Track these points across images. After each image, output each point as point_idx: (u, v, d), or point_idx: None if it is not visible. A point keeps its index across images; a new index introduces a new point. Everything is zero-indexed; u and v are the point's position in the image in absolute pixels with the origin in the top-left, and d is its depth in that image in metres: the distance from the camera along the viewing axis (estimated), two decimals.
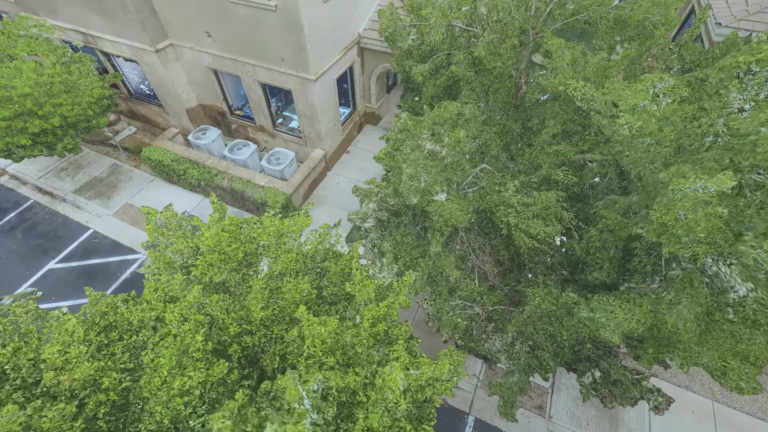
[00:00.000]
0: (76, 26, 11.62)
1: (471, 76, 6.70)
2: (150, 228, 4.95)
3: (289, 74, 10.05)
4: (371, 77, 12.61)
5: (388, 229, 6.66)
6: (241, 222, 4.72)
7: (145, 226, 5.05)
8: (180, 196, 12.07)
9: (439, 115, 5.38)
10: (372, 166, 12.84)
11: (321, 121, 10.96)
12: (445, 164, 5.90)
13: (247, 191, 10.70)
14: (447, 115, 5.34)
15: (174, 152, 11.76)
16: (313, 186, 12.01)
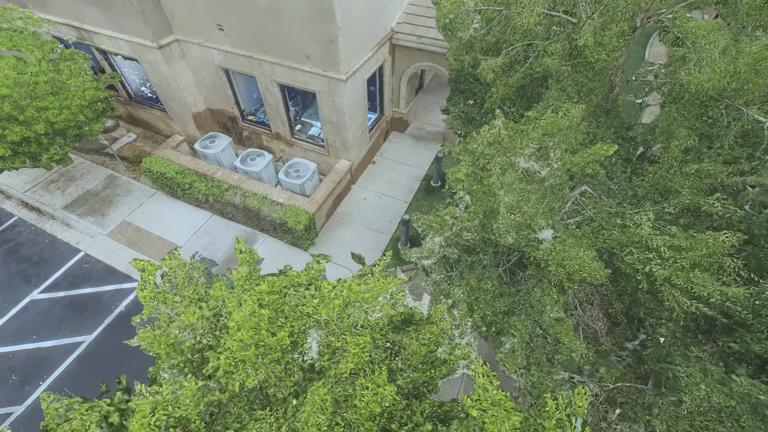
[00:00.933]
0: (68, 20, 10.21)
1: (565, 72, 5.19)
2: (146, 294, 3.39)
3: (314, 73, 8.59)
4: (402, 78, 11.16)
5: (458, 269, 5.13)
6: (285, 286, 3.17)
7: (138, 293, 3.47)
8: (184, 212, 10.57)
9: (554, 123, 3.86)
10: (401, 179, 11.33)
11: (348, 128, 9.48)
12: (545, 188, 4.38)
13: (263, 209, 9.19)
14: (565, 123, 3.83)
15: (178, 163, 10.28)
16: (337, 202, 10.50)
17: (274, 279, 3.07)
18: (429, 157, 12.01)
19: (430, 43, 9.71)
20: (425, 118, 13.40)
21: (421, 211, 10.22)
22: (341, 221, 10.29)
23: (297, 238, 9.17)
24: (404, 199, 10.79)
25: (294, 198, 9.39)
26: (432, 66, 10.38)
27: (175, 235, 10.09)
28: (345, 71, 8.35)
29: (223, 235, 10.05)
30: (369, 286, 3.17)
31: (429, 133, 12.83)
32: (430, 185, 11.12)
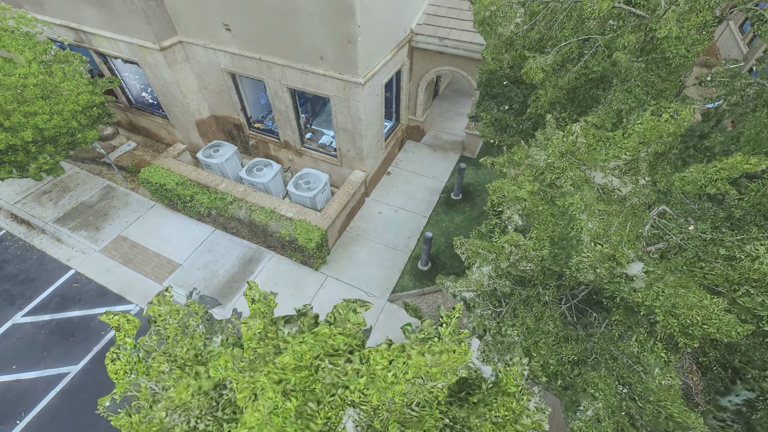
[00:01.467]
0: (65, 21, 9.58)
1: (635, 70, 4.39)
2: (119, 368, 2.46)
3: (328, 77, 7.84)
4: (419, 84, 10.43)
5: (509, 304, 4.25)
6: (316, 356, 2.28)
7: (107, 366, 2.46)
8: (185, 226, 9.76)
9: (655, 128, 3.02)
10: (419, 191, 10.51)
11: (364, 136, 8.70)
12: (626, 209, 3.53)
13: (270, 224, 8.36)
14: (670, 128, 2.99)
15: (179, 173, 9.51)
16: (350, 216, 9.67)
17: (302, 347, 2.18)
18: (447, 167, 11.21)
19: (453, 45, 8.99)
20: (441, 126, 12.65)
21: (442, 227, 9.37)
22: (355, 237, 9.44)
23: (308, 256, 8.32)
24: (423, 213, 9.95)
25: (304, 212, 8.57)
26: (454, 70, 9.65)
27: (174, 251, 9.27)
28: (363, 74, 7.60)
29: (226, 252, 9.21)
30: (437, 356, 2.29)
31: (446, 142, 12.05)
32: (450, 199, 10.29)
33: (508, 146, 6.74)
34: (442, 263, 8.84)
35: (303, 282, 8.55)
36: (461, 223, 9.68)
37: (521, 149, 4.86)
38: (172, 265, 9.03)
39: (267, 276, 8.69)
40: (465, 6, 9.29)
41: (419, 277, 8.61)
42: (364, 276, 8.64)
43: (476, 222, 9.71)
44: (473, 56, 9.03)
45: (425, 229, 9.55)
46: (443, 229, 9.57)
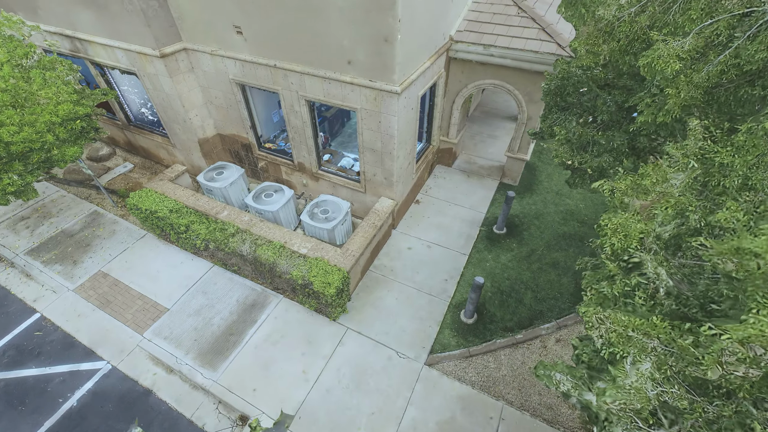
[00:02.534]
0: (60, 28, 8.56)
1: None
2: None
3: (356, 85, 6.49)
4: (455, 100, 9.08)
5: (682, 427, 2.51)
6: None
7: None
8: (178, 261, 8.20)
9: None
10: (454, 223, 8.91)
11: (395, 157, 7.24)
12: None
13: (279, 263, 6.76)
14: None
15: (174, 199, 8.07)
16: (375, 252, 8.04)
17: None
18: (485, 196, 9.65)
19: (500, 53, 7.67)
20: (474, 150, 11.23)
21: (485, 268, 7.67)
22: (380, 278, 7.76)
23: (325, 304, 6.63)
24: (461, 249, 8.29)
25: (321, 248, 6.97)
26: (498, 84, 8.29)
27: (162, 292, 7.66)
28: (399, 81, 6.22)
29: (224, 294, 7.57)
30: None
31: (481, 167, 10.57)
32: (492, 233, 8.65)
33: (595, 169, 5.17)
34: (489, 314, 7.08)
35: (317, 336, 6.82)
36: (509, 263, 7.98)
37: (657, 169, 3.28)
38: (157, 309, 7.39)
39: (272, 327, 6.98)
40: (512, 11, 8.07)
41: (463, 332, 6.83)
42: (393, 329, 6.89)
43: (526, 261, 8.01)
44: (523, 66, 7.68)
45: (466, 269, 7.85)
46: (488, 270, 7.86)
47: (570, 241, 8.48)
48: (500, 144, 11.49)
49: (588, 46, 4.26)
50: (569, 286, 7.56)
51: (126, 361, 6.66)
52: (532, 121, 8.55)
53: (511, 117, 12.80)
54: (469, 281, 7.64)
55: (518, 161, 9.47)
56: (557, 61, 5.60)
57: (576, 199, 9.60)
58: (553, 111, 5.89)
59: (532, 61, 7.47)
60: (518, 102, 8.37)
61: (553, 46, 7.29)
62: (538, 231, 8.72)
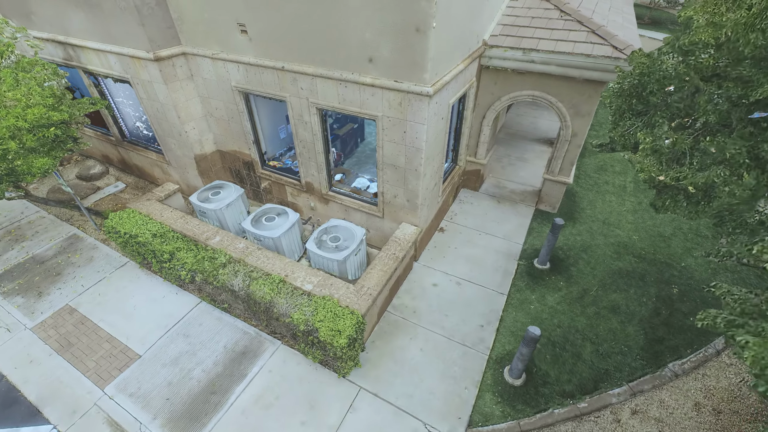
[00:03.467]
0: (53, 34, 7.83)
1: None
2: None
3: (378, 87, 5.42)
4: (486, 115, 8.00)
5: None
6: None
7: None
8: (159, 295, 6.91)
9: None
10: (487, 256, 7.54)
11: (421, 175, 6.04)
12: None
13: (277, 302, 5.41)
14: None
15: (160, 221, 6.91)
16: (394, 289, 6.66)
17: None
18: (521, 224, 8.33)
19: (542, 59, 6.63)
20: (502, 173, 10.04)
21: (530, 312, 6.23)
22: (401, 322, 6.34)
23: (333, 357, 5.21)
24: (497, 288, 6.87)
25: (330, 283, 5.63)
26: (538, 96, 7.21)
27: (137, 333, 6.32)
28: (431, 81, 5.13)
29: (209, 337, 6.20)
30: None
31: (513, 192, 9.32)
32: (533, 268, 7.25)
33: (699, 186, 3.86)
34: (541, 373, 5.56)
35: (322, 398, 5.34)
36: (558, 306, 6.52)
37: None
38: (127, 356, 6.01)
39: (266, 384, 5.53)
40: (553, 15, 7.12)
41: (510, 397, 5.29)
42: (418, 391, 5.39)
43: (579, 304, 6.55)
44: (569, 74, 6.61)
45: (507, 313, 6.40)
46: (533, 314, 6.41)
47: (629, 280, 7.02)
48: (531, 167, 10.30)
49: (708, 15, 3.09)
50: (638, 338, 6.04)
51: (77, 426, 5.21)
52: (577, 137, 7.37)
53: (540, 139, 11.71)
54: (511, 328, 6.17)
55: (559, 185, 8.20)
56: (633, 54, 4.46)
57: (627, 229, 8.22)
58: (626, 116, 4.69)
59: (582, 66, 6.40)
60: (561, 116, 7.24)
61: (608, 48, 6.22)
62: (588, 267, 7.30)
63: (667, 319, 6.35)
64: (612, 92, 4.66)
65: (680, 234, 8.12)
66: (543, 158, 10.74)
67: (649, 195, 9.28)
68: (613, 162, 10.66)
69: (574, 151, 7.57)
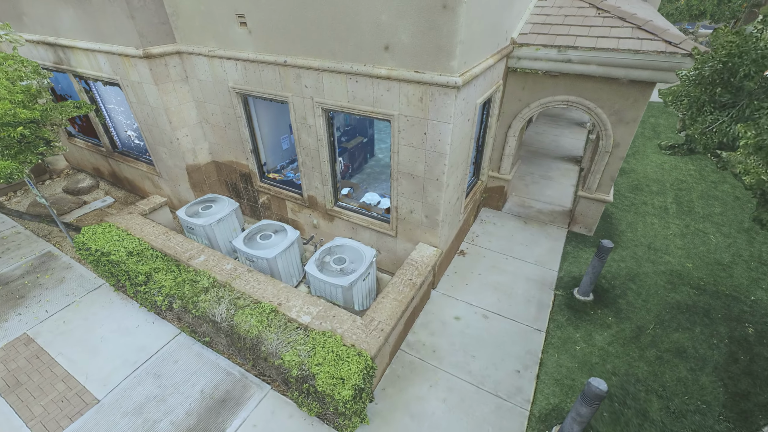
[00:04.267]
0: (43, 36, 7.30)
1: None
2: None
3: (395, 80, 4.58)
4: (512, 124, 7.14)
5: None
6: None
7: None
8: (132, 325, 5.87)
9: None
10: (517, 284, 6.44)
11: (444, 185, 5.09)
12: None
13: (266, 338, 4.35)
14: None
15: (139, 237, 5.99)
16: (409, 322, 5.55)
17: None
18: (552, 248, 7.26)
19: (581, 58, 5.81)
20: (526, 191, 9.07)
21: (575, 354, 5.08)
22: (417, 363, 5.19)
23: (334, 411, 4.06)
24: (533, 323, 5.73)
25: (332, 315, 4.57)
26: (573, 102, 6.35)
27: (100, 371, 5.25)
28: (460, 70, 4.28)
29: (184, 379, 5.09)
30: None
31: (540, 212, 8.31)
32: (573, 299, 6.12)
33: None
34: None
35: None
36: (611, 348, 5.34)
37: None
38: (83, 400, 4.92)
39: None
40: (589, 12, 6.38)
41: None
42: None
43: (635, 345, 5.36)
44: (612, 74, 5.76)
45: (547, 355, 5.23)
46: (579, 357, 5.23)
47: (691, 316, 5.84)
48: (557, 186, 9.34)
49: None
50: (716, 391, 4.81)
51: None
52: (620, 148, 6.43)
53: (564, 157, 10.81)
54: (555, 375, 4.99)
55: (596, 204, 7.19)
56: (717, 31, 3.58)
57: (677, 255, 7.10)
58: (707, 109, 3.74)
59: (628, 65, 5.55)
60: (601, 124, 6.34)
61: (660, 44, 5.39)
62: (639, 299, 6.15)
63: (749, 366, 5.13)
64: (688, 81, 3.75)
65: (741, 262, 6.97)
66: (569, 176, 9.79)
67: (695, 218, 8.21)
68: (647, 181, 9.66)
69: (616, 164, 6.61)
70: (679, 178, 9.78)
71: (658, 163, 10.60)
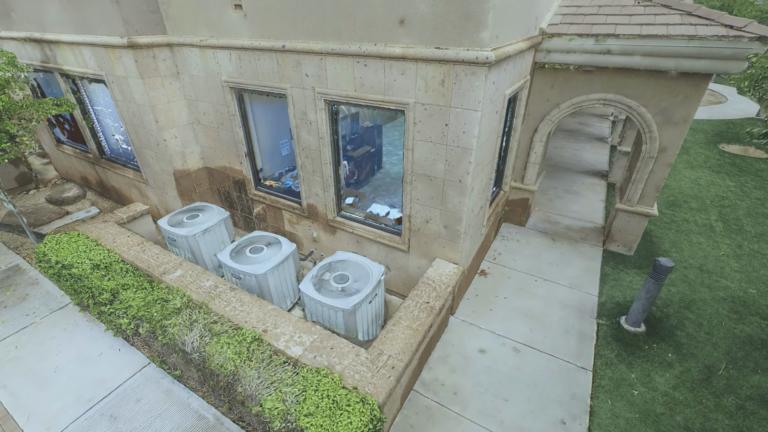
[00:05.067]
0: (30, 32, 6.81)
1: None
2: None
3: (411, 59, 3.83)
4: (538, 128, 6.35)
5: None
6: None
7: None
8: (95, 352, 4.95)
9: None
10: (552, 310, 5.44)
11: (468, 188, 4.23)
12: None
13: (244, 375, 3.39)
14: None
15: (109, 248, 5.16)
16: (424, 356, 4.55)
17: None
18: (588, 268, 6.28)
19: (622, 48, 5.06)
20: (550, 206, 8.18)
21: (631, 401, 4.04)
22: (434, 408, 4.16)
23: None
24: (575, 359, 4.69)
25: (330, 346, 3.62)
26: (612, 100, 5.56)
27: (46, 409, 4.29)
28: (492, 43, 3.52)
29: (145, 425, 4.10)
30: None
31: (569, 228, 7.38)
32: (621, 330, 5.09)
33: None
34: None
35: None
36: (677, 393, 4.27)
37: None
38: None
39: None
40: (627, 2, 5.69)
41: None
42: None
43: (708, 390, 4.29)
44: (661, 65, 4.98)
45: (598, 402, 4.17)
46: (640, 406, 4.16)
47: None
48: (584, 201, 8.44)
49: None
50: None
51: None
52: (667, 153, 5.57)
53: (588, 171, 9.96)
54: (611, 429, 3.91)
55: (637, 218, 6.26)
56: None
57: (736, 279, 6.07)
58: None
59: (681, 54, 4.78)
60: (644, 125, 5.52)
61: (719, 28, 4.63)
62: (701, 331, 5.10)
63: None
64: None
65: None
66: (596, 191, 8.90)
67: (747, 238, 7.21)
68: (684, 197, 8.73)
69: (662, 171, 5.74)
70: (719, 195, 8.84)
71: (692, 178, 9.69)
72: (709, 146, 11.94)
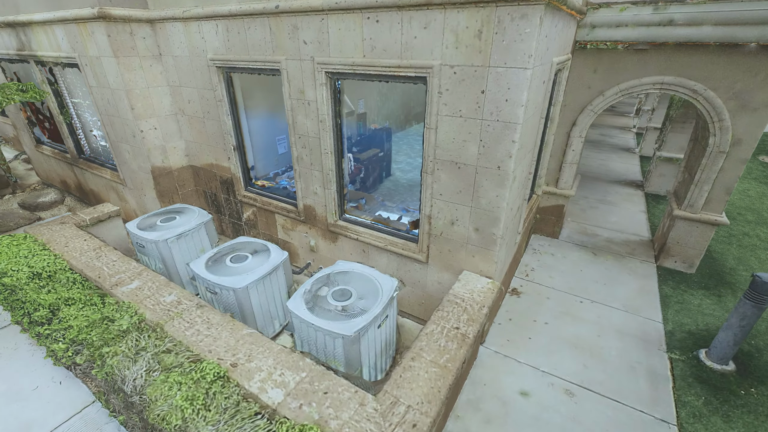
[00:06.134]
0: (5, 16, 6.15)
1: None
2: None
3: (438, 5, 2.93)
4: (577, 120, 5.41)
5: None
6: None
7: None
8: (29, 385, 3.88)
9: None
10: (607, 341, 4.30)
11: (509, 177, 3.23)
12: None
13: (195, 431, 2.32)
14: None
15: (57, 253, 4.19)
16: (451, 400, 3.42)
17: None
18: (643, 288, 5.16)
19: (689, 17, 4.17)
20: (584, 217, 7.15)
21: None
22: None
23: None
24: (649, 407, 3.53)
25: (322, 389, 2.54)
26: (671, 84, 4.63)
27: None
28: None
29: None
30: None
31: (610, 241, 6.31)
32: (702, 367, 3.94)
33: None
34: None
35: None
36: None
37: None
38: None
39: None
40: None
41: None
42: None
43: None
44: (738, 36, 4.07)
45: None
46: None
47: None
48: (622, 212, 7.40)
49: None
50: None
51: None
52: (741, 147, 4.57)
53: (620, 181, 8.96)
54: None
55: (703, 227, 5.18)
56: None
57: None
58: None
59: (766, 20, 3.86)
60: (711, 113, 4.55)
61: None
62: None
63: None
64: None
65: None
66: (634, 201, 7.87)
67: None
68: (737, 209, 7.65)
69: (735, 170, 4.72)
70: None
71: (740, 189, 8.64)
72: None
